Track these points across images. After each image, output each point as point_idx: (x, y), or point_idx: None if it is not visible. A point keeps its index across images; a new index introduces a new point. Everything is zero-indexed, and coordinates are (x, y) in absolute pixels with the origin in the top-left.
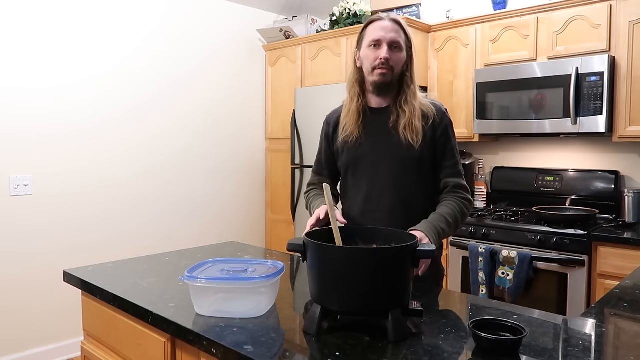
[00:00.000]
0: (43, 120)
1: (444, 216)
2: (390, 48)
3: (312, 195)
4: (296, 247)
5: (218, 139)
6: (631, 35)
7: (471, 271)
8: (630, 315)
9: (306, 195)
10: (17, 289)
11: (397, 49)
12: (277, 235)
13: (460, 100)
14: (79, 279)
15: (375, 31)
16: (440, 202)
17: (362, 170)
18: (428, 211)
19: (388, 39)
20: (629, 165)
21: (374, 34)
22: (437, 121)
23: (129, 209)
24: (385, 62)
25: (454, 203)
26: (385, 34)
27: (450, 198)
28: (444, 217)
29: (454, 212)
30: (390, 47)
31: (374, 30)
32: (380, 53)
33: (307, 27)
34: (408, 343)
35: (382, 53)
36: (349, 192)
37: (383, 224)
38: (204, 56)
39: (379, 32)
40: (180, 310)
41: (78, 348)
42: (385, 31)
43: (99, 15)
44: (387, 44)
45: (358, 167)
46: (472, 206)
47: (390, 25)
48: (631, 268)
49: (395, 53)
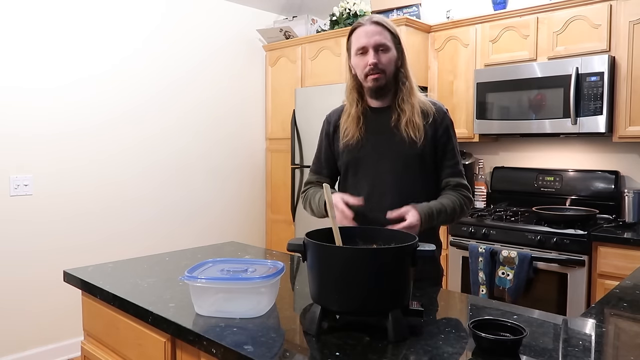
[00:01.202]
0: (43, 120)
1: (442, 204)
2: (376, 52)
3: (311, 192)
4: (296, 247)
5: (218, 139)
6: (631, 35)
7: (471, 271)
8: (630, 315)
9: (303, 194)
10: (17, 288)
11: (384, 50)
12: (277, 235)
13: (460, 100)
14: (79, 279)
15: (359, 38)
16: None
17: (364, 170)
18: None
19: (372, 43)
20: (629, 165)
21: (358, 41)
22: (438, 120)
23: (129, 208)
24: (375, 67)
25: (455, 197)
26: (369, 39)
27: (451, 192)
28: (442, 204)
29: (453, 204)
30: (377, 50)
31: (358, 37)
32: (367, 59)
33: (307, 27)
34: (408, 343)
35: (370, 59)
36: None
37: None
38: (204, 56)
39: (362, 39)
40: (180, 310)
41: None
42: (368, 36)
43: (99, 15)
44: (373, 48)
45: (359, 167)
46: (472, 205)
47: (372, 29)
48: (631, 268)
49: (383, 55)
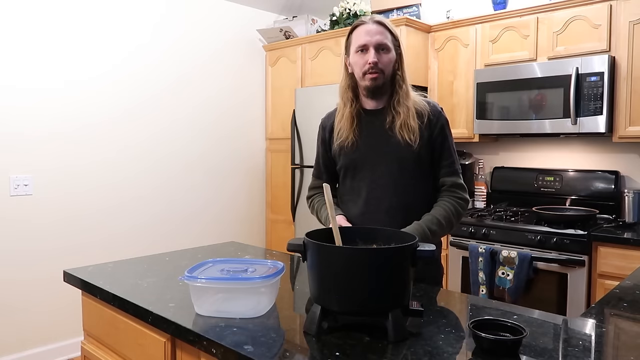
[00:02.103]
0: (43, 120)
1: (437, 217)
2: (377, 51)
3: (317, 202)
4: (296, 247)
5: (218, 139)
6: (631, 35)
7: (471, 271)
8: (630, 315)
9: (310, 201)
10: (17, 288)
11: (385, 50)
12: (277, 235)
13: (460, 100)
14: (79, 278)
15: (361, 36)
16: (436, 202)
17: (361, 173)
18: (427, 211)
19: (374, 42)
20: (629, 165)
21: (359, 39)
22: (432, 120)
23: (128, 208)
24: (374, 66)
25: (449, 204)
26: (371, 38)
27: (446, 198)
28: (436, 218)
29: (448, 214)
30: (377, 49)
31: (359, 35)
32: (368, 57)
33: (307, 27)
34: (408, 343)
35: (370, 57)
36: (348, 195)
37: (382, 225)
38: (203, 56)
39: (364, 37)
40: (180, 310)
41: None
42: (370, 35)
43: (99, 16)
44: (374, 47)
45: (356, 170)
46: (468, 205)
47: (375, 28)
48: (631, 268)
49: (383, 55)
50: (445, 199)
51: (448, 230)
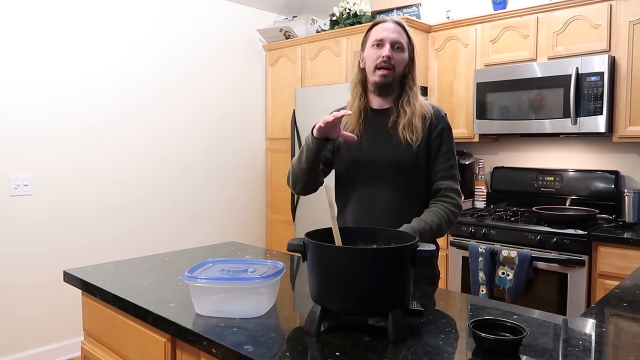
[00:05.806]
0: (43, 120)
1: (428, 223)
2: (392, 47)
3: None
4: (296, 247)
5: (218, 139)
6: (631, 35)
7: (471, 271)
8: (630, 315)
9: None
10: (17, 288)
11: (399, 49)
12: (277, 235)
13: (460, 100)
14: (79, 279)
15: (379, 31)
16: (428, 207)
17: (359, 170)
18: (422, 211)
19: (390, 38)
20: (629, 165)
21: (377, 34)
22: (434, 123)
23: (129, 209)
24: (387, 60)
25: (441, 210)
26: (388, 34)
27: (438, 204)
28: (427, 224)
29: (439, 219)
30: (393, 46)
31: (377, 30)
32: (382, 52)
33: (307, 27)
34: (408, 343)
35: (385, 51)
36: (344, 190)
37: (377, 223)
38: (203, 56)
39: (382, 32)
40: (180, 310)
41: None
42: (388, 31)
43: (99, 15)
44: (390, 43)
45: (355, 167)
46: (461, 211)
47: (393, 27)
48: (631, 268)
49: (397, 53)
50: (437, 204)
51: (438, 236)
